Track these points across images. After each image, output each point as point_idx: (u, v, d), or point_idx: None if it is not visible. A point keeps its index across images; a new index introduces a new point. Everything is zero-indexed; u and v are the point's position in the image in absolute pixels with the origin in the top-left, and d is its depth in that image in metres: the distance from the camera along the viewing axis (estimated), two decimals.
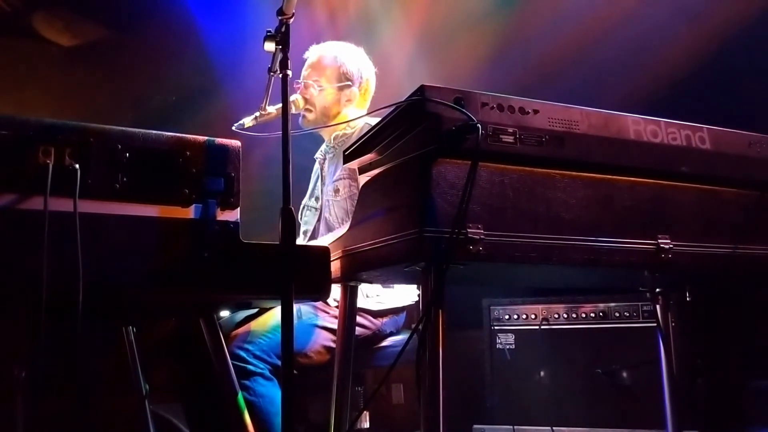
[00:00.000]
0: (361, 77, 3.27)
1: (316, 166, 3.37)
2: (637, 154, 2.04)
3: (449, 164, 1.79)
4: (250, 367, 2.63)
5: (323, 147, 3.34)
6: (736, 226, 2.16)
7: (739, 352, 2.87)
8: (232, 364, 2.54)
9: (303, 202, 3.33)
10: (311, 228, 3.22)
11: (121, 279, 1.77)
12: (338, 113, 3.22)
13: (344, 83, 3.21)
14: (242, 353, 2.63)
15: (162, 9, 5.13)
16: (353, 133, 3.15)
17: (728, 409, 2.84)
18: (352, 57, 3.28)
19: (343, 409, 2.30)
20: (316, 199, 3.28)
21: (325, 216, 3.13)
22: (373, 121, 2.37)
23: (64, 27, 5.33)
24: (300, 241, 3.10)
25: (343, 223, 2.96)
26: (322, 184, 3.27)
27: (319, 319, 2.86)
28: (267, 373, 2.65)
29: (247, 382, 2.60)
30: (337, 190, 3.09)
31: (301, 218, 3.25)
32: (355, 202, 2.22)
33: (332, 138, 3.25)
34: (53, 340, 1.68)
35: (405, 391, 3.09)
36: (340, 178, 3.07)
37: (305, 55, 3.25)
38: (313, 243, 3.02)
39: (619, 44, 3.96)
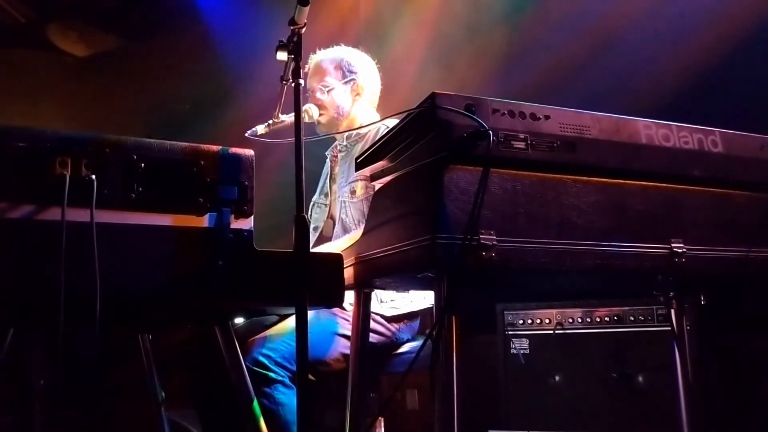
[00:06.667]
0: (363, 68, 3.31)
1: (327, 162, 3.39)
2: (648, 159, 2.04)
3: (461, 171, 1.80)
4: (271, 374, 2.63)
5: (336, 144, 3.36)
6: (750, 229, 2.15)
7: (755, 356, 2.85)
8: (254, 370, 2.56)
9: (312, 199, 3.35)
10: (320, 225, 3.24)
11: (137, 287, 1.79)
12: (350, 109, 3.25)
13: (349, 77, 3.25)
14: (263, 360, 2.64)
15: (175, 19, 5.18)
16: (368, 133, 3.17)
17: (745, 414, 2.82)
18: (349, 51, 3.34)
19: (358, 416, 2.30)
20: (326, 195, 3.30)
21: (341, 217, 3.15)
22: (391, 123, 2.38)
23: (78, 38, 5.39)
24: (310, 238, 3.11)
25: (359, 225, 2.98)
26: (332, 182, 3.29)
27: (339, 327, 2.87)
28: (287, 381, 2.66)
29: (267, 390, 2.61)
30: (353, 192, 3.10)
31: (310, 215, 3.27)
32: None
33: (345, 137, 3.27)
34: (71, 348, 1.70)
35: (420, 396, 3.08)
36: (357, 180, 3.09)
37: (306, 68, 3.28)
38: (328, 244, 3.04)
39: (631, 49, 3.95)
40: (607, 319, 3.23)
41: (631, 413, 3.05)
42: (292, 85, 2.04)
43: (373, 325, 2.77)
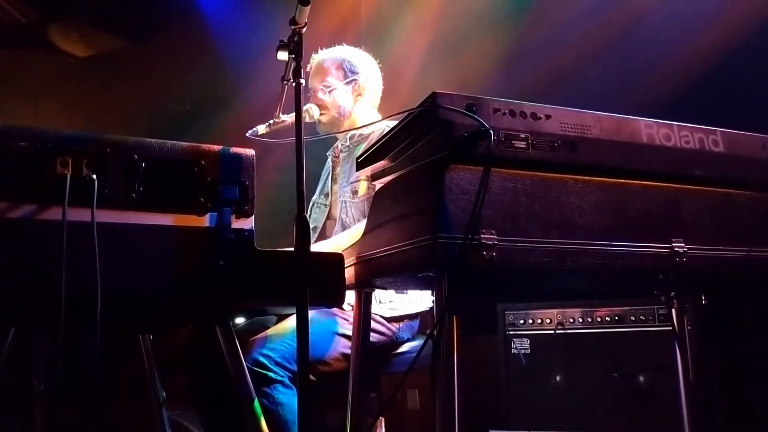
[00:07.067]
0: (365, 68, 3.31)
1: (328, 162, 3.39)
2: (650, 158, 2.04)
3: (462, 170, 1.80)
4: (271, 374, 2.63)
5: (337, 144, 3.36)
6: (751, 228, 2.15)
7: (756, 356, 2.85)
8: (253, 370, 2.56)
9: (312, 198, 3.35)
10: (320, 225, 3.24)
11: (138, 287, 1.79)
12: (351, 109, 3.25)
13: (351, 78, 3.25)
14: (263, 360, 2.64)
15: (176, 19, 5.17)
16: (370, 134, 3.16)
17: (745, 414, 2.82)
18: (351, 51, 3.34)
19: (359, 416, 2.30)
20: (326, 195, 3.30)
21: (341, 217, 3.14)
22: (392, 123, 2.39)
23: (79, 38, 5.38)
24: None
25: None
26: (333, 182, 3.29)
27: (339, 327, 2.87)
28: (287, 381, 2.66)
29: (267, 390, 2.61)
30: (355, 192, 3.10)
31: (309, 215, 3.26)
32: None
33: (347, 137, 3.27)
34: (72, 348, 1.70)
35: (420, 396, 3.08)
36: (359, 180, 3.09)
37: (307, 68, 3.27)
38: (326, 242, 3.04)
39: (632, 48, 3.95)
40: (608, 318, 3.22)
41: (632, 413, 3.05)
42: (293, 84, 2.04)
43: (373, 324, 2.76)
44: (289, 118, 2.81)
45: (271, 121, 2.86)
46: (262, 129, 2.88)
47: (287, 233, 1.90)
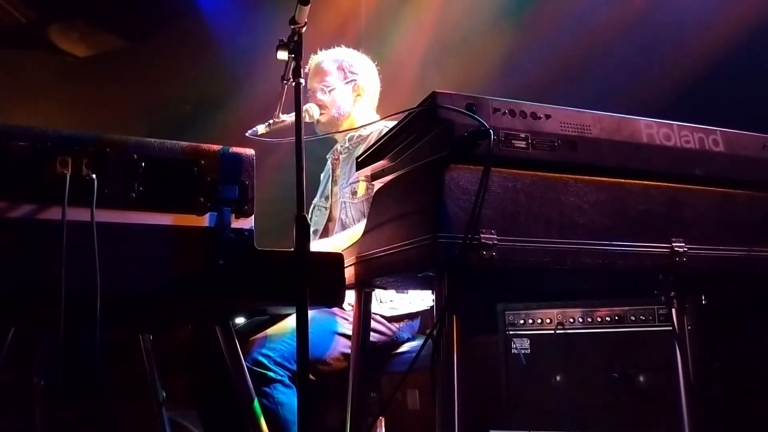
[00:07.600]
0: (364, 69, 3.32)
1: (328, 165, 3.39)
2: (650, 158, 2.04)
3: (462, 170, 1.80)
4: (270, 374, 2.63)
5: (337, 146, 3.36)
6: (751, 228, 2.15)
7: (756, 356, 2.85)
8: (253, 369, 2.56)
9: (313, 201, 3.36)
10: (321, 228, 3.24)
11: (137, 287, 1.79)
12: (351, 110, 3.25)
13: (350, 78, 3.26)
14: (263, 359, 2.65)
15: (176, 19, 5.18)
16: (369, 135, 3.17)
17: (746, 414, 2.82)
18: (349, 53, 3.36)
19: (359, 416, 2.30)
20: (326, 198, 3.30)
21: (341, 217, 3.15)
22: (391, 123, 2.39)
23: (79, 38, 5.39)
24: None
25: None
26: (333, 184, 3.29)
27: (339, 326, 2.87)
28: (287, 380, 2.66)
29: (266, 389, 2.61)
30: (354, 192, 3.11)
31: (310, 218, 3.26)
32: None
33: (347, 139, 3.27)
34: (72, 348, 1.70)
35: (421, 397, 3.08)
36: (358, 180, 3.09)
37: (306, 69, 3.28)
38: (325, 240, 3.04)
39: (632, 47, 3.95)
40: (608, 318, 3.22)
41: (632, 413, 3.05)
42: (293, 84, 2.04)
43: (373, 324, 2.76)
44: (289, 118, 2.81)
45: (271, 121, 2.87)
46: (261, 129, 2.89)
47: (287, 233, 1.90)
